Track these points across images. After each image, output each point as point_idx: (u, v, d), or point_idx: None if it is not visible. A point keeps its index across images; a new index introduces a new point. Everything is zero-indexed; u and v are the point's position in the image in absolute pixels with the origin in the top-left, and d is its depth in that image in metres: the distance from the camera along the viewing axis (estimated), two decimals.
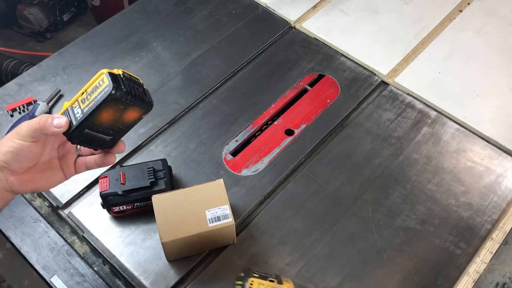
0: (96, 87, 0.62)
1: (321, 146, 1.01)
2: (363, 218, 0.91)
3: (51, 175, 0.67)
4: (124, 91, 0.61)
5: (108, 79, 0.61)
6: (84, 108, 0.62)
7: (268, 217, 0.91)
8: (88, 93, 0.62)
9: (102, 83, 0.61)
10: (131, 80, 0.64)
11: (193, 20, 1.24)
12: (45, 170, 0.66)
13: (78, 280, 0.87)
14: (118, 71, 0.63)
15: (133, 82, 0.64)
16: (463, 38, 1.19)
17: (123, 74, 0.63)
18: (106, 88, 0.60)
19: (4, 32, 2.35)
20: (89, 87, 0.63)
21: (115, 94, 0.60)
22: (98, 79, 0.62)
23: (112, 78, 0.61)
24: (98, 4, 2.21)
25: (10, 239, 0.92)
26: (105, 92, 0.60)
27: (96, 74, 0.63)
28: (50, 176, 0.67)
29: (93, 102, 0.61)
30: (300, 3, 1.27)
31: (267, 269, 0.85)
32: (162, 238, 0.79)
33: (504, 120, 1.04)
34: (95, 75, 0.63)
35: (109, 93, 0.60)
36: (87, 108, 0.62)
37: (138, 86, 0.64)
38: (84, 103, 0.62)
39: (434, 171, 0.97)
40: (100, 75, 0.62)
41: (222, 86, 1.11)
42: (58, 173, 0.68)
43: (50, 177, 0.67)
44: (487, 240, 0.89)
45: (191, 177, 0.96)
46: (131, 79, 0.64)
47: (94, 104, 0.61)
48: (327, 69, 1.14)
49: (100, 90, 0.61)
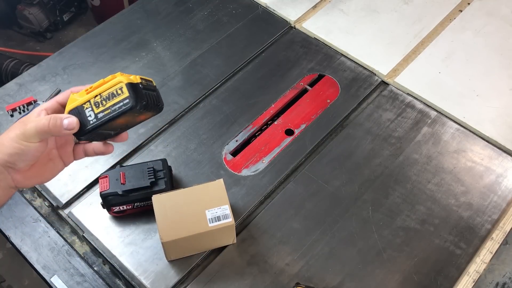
0: (113, 94, 0.61)
1: (321, 146, 1.02)
2: (363, 218, 0.91)
3: (52, 166, 0.66)
4: (143, 103, 0.60)
5: (128, 91, 0.60)
6: (99, 114, 0.61)
7: (268, 217, 0.91)
8: (103, 98, 0.61)
9: (121, 93, 0.60)
10: (147, 88, 0.63)
11: (193, 20, 1.24)
12: (46, 163, 0.65)
13: (78, 280, 0.87)
14: (137, 78, 0.62)
15: (150, 88, 0.63)
16: (463, 38, 1.19)
17: (141, 84, 0.62)
18: (125, 100, 0.60)
19: (4, 32, 2.35)
20: (104, 92, 0.61)
21: (135, 107, 0.60)
22: (115, 86, 0.61)
23: (132, 91, 0.60)
24: (98, 4, 2.21)
25: (10, 239, 0.92)
26: (125, 104, 0.60)
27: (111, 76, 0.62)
28: (52, 167, 0.66)
29: (109, 110, 0.61)
30: (300, 3, 1.27)
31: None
32: (162, 238, 0.79)
33: (504, 120, 1.04)
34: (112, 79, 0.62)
35: (129, 107, 0.60)
36: (102, 114, 0.61)
37: (153, 91, 0.64)
38: (98, 107, 0.61)
39: (434, 171, 0.97)
40: (119, 83, 0.60)
41: (222, 86, 1.11)
42: (58, 162, 0.67)
43: (52, 168, 0.66)
44: (487, 240, 0.89)
45: (191, 177, 0.96)
46: (147, 86, 0.63)
47: (110, 113, 0.61)
48: (327, 69, 1.14)
49: (118, 100, 0.60)
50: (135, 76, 0.62)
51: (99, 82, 0.62)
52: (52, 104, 0.64)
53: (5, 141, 0.60)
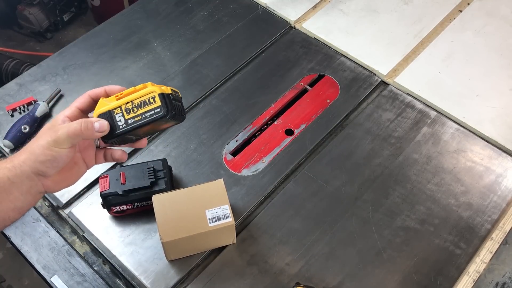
0: (145, 103, 0.64)
1: (321, 146, 1.02)
2: (363, 218, 0.91)
3: (77, 170, 0.68)
4: (173, 113, 0.64)
5: (161, 101, 0.64)
6: (129, 120, 0.65)
7: (268, 217, 0.91)
8: (134, 105, 0.65)
9: (153, 102, 0.64)
10: (175, 99, 0.66)
11: (193, 20, 1.24)
12: (72, 167, 0.67)
13: (78, 280, 0.87)
14: (168, 89, 0.65)
15: (177, 99, 0.67)
16: (463, 38, 1.19)
17: (171, 95, 0.66)
18: (157, 109, 0.64)
19: (5, 32, 2.35)
20: (136, 99, 0.65)
21: (165, 116, 0.64)
22: (148, 95, 0.64)
23: (164, 101, 0.64)
24: (98, 4, 2.21)
25: (10, 239, 0.92)
26: (156, 113, 0.64)
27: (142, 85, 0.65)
28: (77, 171, 0.68)
29: (140, 117, 0.64)
30: (300, 3, 1.27)
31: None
32: (162, 238, 0.79)
33: (504, 120, 1.04)
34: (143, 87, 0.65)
35: (161, 116, 0.63)
36: (132, 120, 0.64)
37: (179, 102, 0.68)
38: (129, 114, 0.65)
39: (434, 171, 0.97)
40: (151, 93, 0.64)
41: (222, 86, 1.11)
42: (82, 166, 0.68)
43: (77, 172, 0.68)
44: (487, 240, 0.89)
45: (191, 177, 0.96)
46: (175, 97, 0.67)
47: (141, 120, 0.64)
48: (327, 69, 1.14)
49: (150, 108, 0.64)
50: (166, 87, 0.66)
51: (130, 90, 0.66)
52: (73, 111, 0.66)
53: (36, 149, 0.61)
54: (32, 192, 0.63)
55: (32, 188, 0.62)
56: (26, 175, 0.61)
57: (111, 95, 0.67)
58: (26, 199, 0.62)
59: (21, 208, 0.63)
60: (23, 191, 0.62)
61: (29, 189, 0.62)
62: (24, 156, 0.62)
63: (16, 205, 0.62)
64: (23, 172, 0.61)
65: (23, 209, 0.63)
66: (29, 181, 0.62)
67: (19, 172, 0.61)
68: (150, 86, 0.65)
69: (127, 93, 0.66)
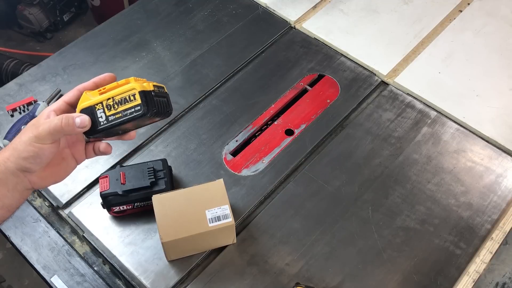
0: (125, 100, 0.62)
1: (321, 146, 1.02)
2: (363, 218, 0.91)
3: (66, 165, 0.67)
4: (154, 111, 0.63)
5: (141, 99, 0.62)
6: (110, 116, 0.63)
7: (268, 217, 0.91)
8: (115, 101, 0.63)
9: (133, 100, 0.62)
10: (159, 95, 0.65)
11: (193, 20, 1.24)
12: (60, 162, 0.66)
13: (78, 280, 0.87)
14: (150, 86, 0.64)
15: (161, 95, 0.65)
16: (463, 38, 1.19)
17: (154, 91, 0.64)
18: (137, 107, 0.62)
19: (5, 32, 2.35)
20: (117, 96, 0.63)
21: (146, 115, 0.62)
22: (129, 92, 0.62)
23: (144, 98, 0.62)
24: (98, 4, 2.21)
25: (10, 239, 0.92)
26: (136, 110, 0.62)
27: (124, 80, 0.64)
28: (65, 166, 0.67)
29: (120, 115, 0.63)
30: (300, 3, 1.27)
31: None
32: (162, 238, 0.79)
33: (504, 120, 1.04)
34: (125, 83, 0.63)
35: (140, 114, 0.62)
36: (113, 117, 0.63)
37: (164, 97, 0.66)
38: (109, 110, 0.63)
39: (434, 171, 0.97)
40: (132, 90, 0.62)
41: (222, 86, 1.11)
42: (71, 161, 0.68)
43: (65, 167, 0.67)
44: (487, 240, 0.89)
45: (191, 177, 0.96)
46: (159, 93, 0.65)
47: (121, 117, 0.63)
48: (327, 69, 1.14)
49: (130, 106, 0.62)
50: (148, 83, 0.64)
51: (112, 85, 0.64)
52: (60, 105, 0.65)
53: (19, 146, 0.61)
54: (19, 189, 0.62)
55: (18, 184, 0.62)
56: (10, 172, 0.61)
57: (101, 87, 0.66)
58: (14, 196, 0.62)
59: (10, 206, 0.63)
60: (10, 188, 0.61)
61: (15, 185, 0.62)
62: (8, 153, 0.61)
63: (4, 203, 0.62)
64: (8, 169, 0.61)
65: (11, 206, 0.63)
66: (15, 177, 0.61)
67: (4, 168, 0.60)
68: (132, 82, 0.63)
69: (110, 88, 0.64)
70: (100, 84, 0.66)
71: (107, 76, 0.67)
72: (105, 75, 0.67)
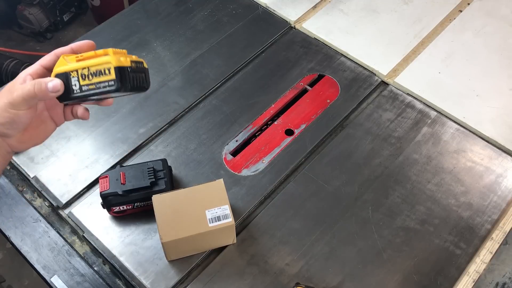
0: (100, 72, 0.61)
1: (321, 146, 1.02)
2: (363, 218, 0.91)
3: (44, 128, 0.68)
4: (128, 87, 0.62)
5: (115, 74, 0.61)
6: (83, 86, 0.62)
7: (268, 217, 0.91)
8: (90, 72, 0.62)
9: (108, 74, 0.61)
10: (136, 70, 0.64)
11: (193, 20, 1.24)
12: (39, 125, 0.67)
13: (78, 280, 0.87)
14: (127, 61, 0.62)
15: (139, 71, 0.64)
16: (463, 38, 1.19)
17: (130, 67, 0.63)
18: (111, 81, 0.61)
19: (4, 32, 2.35)
20: (92, 67, 0.61)
21: (118, 90, 0.61)
22: (104, 65, 0.61)
23: (119, 74, 0.61)
24: (98, 4, 2.21)
25: (10, 239, 0.92)
26: (110, 85, 0.61)
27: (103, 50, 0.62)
28: (44, 129, 0.68)
29: (94, 86, 0.62)
30: (300, 3, 1.27)
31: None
32: (162, 238, 0.79)
33: (504, 120, 1.04)
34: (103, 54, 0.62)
35: (113, 89, 0.61)
36: (86, 87, 0.62)
37: (142, 73, 0.65)
38: (84, 80, 0.62)
39: (434, 171, 0.97)
40: (108, 63, 0.61)
41: (222, 86, 1.11)
42: (50, 123, 0.68)
43: (44, 130, 0.68)
44: (487, 240, 0.89)
45: (191, 177, 0.96)
46: (137, 69, 0.64)
47: (94, 89, 0.62)
48: (327, 69, 1.14)
49: (104, 79, 0.61)
50: (125, 58, 0.62)
51: (90, 53, 0.63)
52: (37, 68, 0.65)
53: None
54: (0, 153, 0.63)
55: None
56: None
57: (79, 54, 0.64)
58: None
59: None
60: None
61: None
62: None
63: None
64: None
65: None
66: None
67: None
68: (110, 55, 0.61)
69: (87, 57, 0.63)
70: (78, 51, 0.65)
71: (86, 43, 0.66)
72: (84, 42, 0.66)
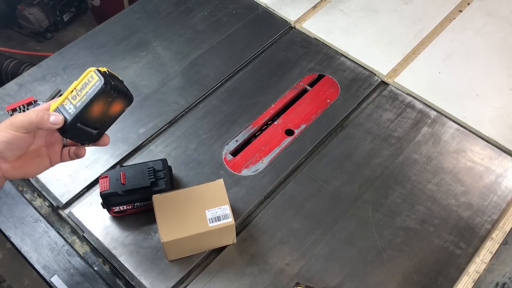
0: (85, 83, 0.68)
1: (321, 146, 1.02)
2: (363, 218, 0.91)
3: (39, 162, 0.71)
4: (112, 84, 0.69)
5: (98, 75, 0.68)
6: (77, 103, 0.68)
7: (268, 217, 0.91)
8: (78, 90, 0.69)
9: (92, 79, 0.68)
10: (114, 77, 0.71)
11: (193, 20, 1.24)
12: (34, 158, 0.71)
13: (78, 280, 0.87)
14: (103, 68, 0.70)
15: (116, 79, 0.72)
16: (463, 38, 1.19)
17: (108, 71, 0.70)
18: (97, 83, 0.68)
19: (4, 32, 2.35)
20: (78, 85, 0.69)
21: (105, 87, 0.67)
22: (86, 76, 0.69)
23: (101, 74, 0.68)
24: (98, 4, 2.21)
25: (10, 239, 0.92)
26: (97, 86, 0.68)
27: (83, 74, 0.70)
28: (39, 163, 0.71)
29: (85, 97, 0.68)
30: (300, 3, 1.27)
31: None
32: (162, 238, 0.79)
33: (504, 120, 1.04)
34: (82, 75, 0.69)
35: (100, 86, 0.67)
36: (79, 102, 0.68)
37: (120, 82, 0.72)
38: (75, 99, 0.69)
39: (434, 171, 0.97)
40: (89, 73, 0.69)
41: (222, 86, 1.11)
42: (45, 160, 0.72)
43: (38, 164, 0.71)
44: (487, 240, 0.89)
45: (191, 177, 0.96)
46: (114, 76, 0.71)
47: (86, 98, 0.68)
48: (327, 69, 1.14)
49: (90, 85, 0.68)
50: (101, 68, 0.70)
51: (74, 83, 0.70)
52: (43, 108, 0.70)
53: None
54: None
55: None
56: None
57: None
58: None
59: None
60: None
61: None
62: None
63: None
64: None
65: None
66: None
67: None
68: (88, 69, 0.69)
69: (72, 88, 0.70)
70: None
71: None
72: None
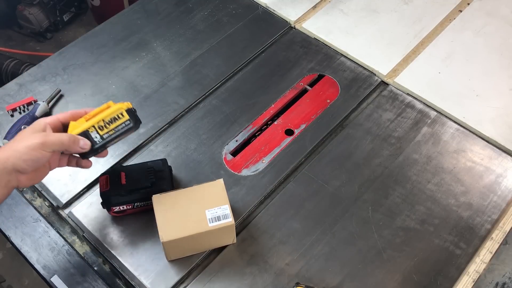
0: (115, 118, 0.77)
1: (321, 146, 1.02)
2: (363, 218, 0.91)
3: (43, 170, 0.76)
4: (139, 124, 0.79)
5: (129, 115, 0.78)
6: (104, 135, 0.77)
7: (268, 217, 0.91)
8: (106, 122, 0.77)
9: (122, 117, 0.78)
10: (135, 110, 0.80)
11: (193, 20, 1.24)
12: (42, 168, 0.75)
13: (78, 280, 0.87)
14: (129, 104, 0.78)
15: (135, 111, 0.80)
16: (463, 38, 1.19)
17: (133, 108, 0.79)
18: (127, 121, 0.78)
19: (4, 32, 2.35)
20: (106, 117, 0.77)
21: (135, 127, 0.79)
22: (116, 112, 0.77)
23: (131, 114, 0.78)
24: (98, 4, 2.21)
25: (11, 239, 0.92)
26: (126, 125, 0.78)
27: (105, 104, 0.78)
28: (43, 171, 0.76)
29: (113, 131, 0.77)
30: (300, 3, 1.27)
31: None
32: (162, 238, 0.79)
33: (504, 120, 1.04)
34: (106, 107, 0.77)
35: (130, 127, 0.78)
36: (107, 135, 0.77)
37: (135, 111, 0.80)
38: (102, 130, 0.77)
39: (434, 171, 0.97)
40: (119, 109, 0.77)
41: (222, 86, 1.11)
42: (47, 167, 0.77)
43: (43, 172, 0.76)
44: (487, 240, 0.89)
45: (191, 177, 0.96)
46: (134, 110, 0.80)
47: (114, 134, 0.78)
48: (327, 69, 1.14)
49: (120, 122, 0.78)
50: (127, 103, 0.78)
51: (96, 111, 0.77)
52: (54, 120, 0.76)
53: (21, 149, 0.69)
54: (8, 186, 0.70)
55: (9, 182, 0.70)
56: (7, 171, 0.69)
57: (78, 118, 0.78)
58: (2, 192, 0.70)
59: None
60: (2, 185, 0.69)
61: (6, 183, 0.70)
62: (8, 154, 0.69)
63: None
64: (5, 168, 0.69)
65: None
66: (8, 175, 0.69)
67: (2, 168, 0.68)
68: (117, 104, 0.77)
69: (94, 114, 0.77)
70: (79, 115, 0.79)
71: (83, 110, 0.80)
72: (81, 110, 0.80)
